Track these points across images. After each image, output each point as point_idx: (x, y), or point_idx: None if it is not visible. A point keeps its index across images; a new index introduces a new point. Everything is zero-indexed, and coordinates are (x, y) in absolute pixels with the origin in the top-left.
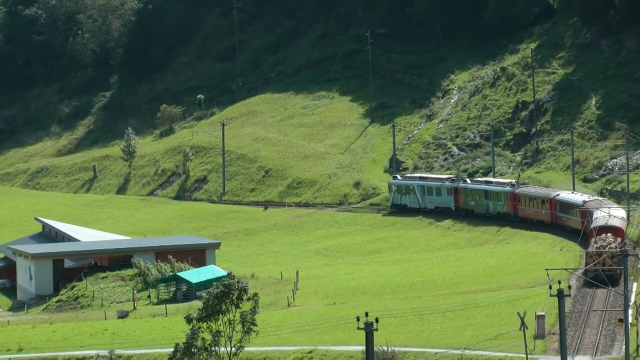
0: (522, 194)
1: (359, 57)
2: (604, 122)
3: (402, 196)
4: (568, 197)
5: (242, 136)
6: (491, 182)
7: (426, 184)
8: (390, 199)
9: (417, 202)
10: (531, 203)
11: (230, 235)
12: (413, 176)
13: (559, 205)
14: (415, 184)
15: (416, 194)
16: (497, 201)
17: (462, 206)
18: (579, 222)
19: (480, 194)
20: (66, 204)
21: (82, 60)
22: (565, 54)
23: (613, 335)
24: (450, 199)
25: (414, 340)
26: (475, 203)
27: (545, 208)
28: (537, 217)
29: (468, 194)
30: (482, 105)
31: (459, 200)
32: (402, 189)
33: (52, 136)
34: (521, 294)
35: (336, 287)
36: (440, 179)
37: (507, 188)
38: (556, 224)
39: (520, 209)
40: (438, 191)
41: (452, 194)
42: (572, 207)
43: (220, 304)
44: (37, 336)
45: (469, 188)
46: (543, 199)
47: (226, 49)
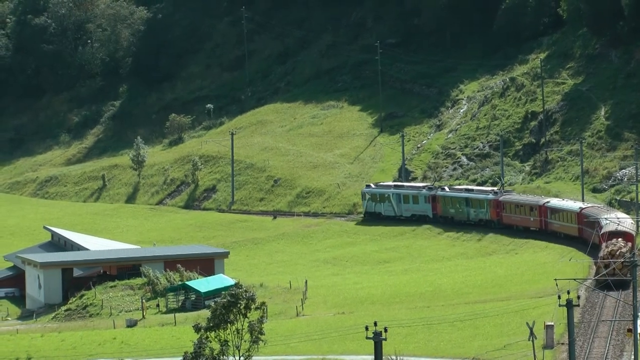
0: (506, 201)
1: (368, 67)
2: (613, 133)
3: (376, 204)
4: (560, 204)
5: (251, 146)
6: (472, 190)
7: (402, 192)
8: (364, 207)
9: (392, 210)
10: (517, 210)
11: (239, 245)
12: (388, 184)
13: (549, 212)
14: (391, 192)
15: (391, 202)
16: (480, 208)
17: (441, 214)
18: (575, 229)
19: (460, 202)
20: (75, 213)
21: (91, 69)
22: (574, 65)
23: (622, 345)
24: (427, 207)
25: (423, 350)
26: (456, 210)
27: (533, 215)
28: (524, 224)
29: (447, 201)
30: (492, 115)
31: (437, 207)
32: (377, 197)
33: (62, 145)
34: (530, 304)
35: (345, 297)
36: (417, 187)
37: (490, 195)
38: (545, 230)
39: (505, 216)
40: (415, 199)
41: (429, 201)
42: (567, 214)
43: (228, 314)
44: (45, 345)
45: (448, 196)
46: (531, 206)
47: (235, 58)
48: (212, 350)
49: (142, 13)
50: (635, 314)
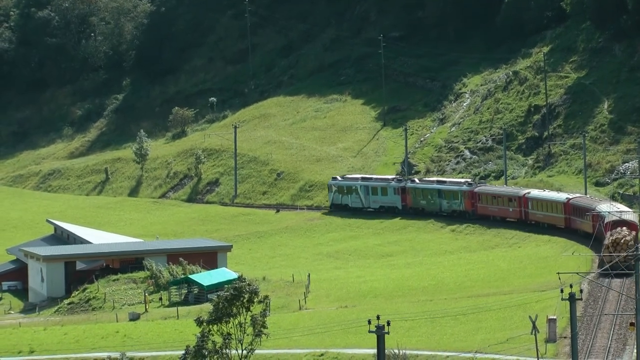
0: (482, 192)
1: (371, 61)
2: (616, 126)
3: (342, 196)
4: (543, 194)
5: (254, 139)
6: (445, 182)
7: (371, 184)
8: (330, 199)
9: (359, 202)
10: (494, 201)
11: (241, 238)
12: (355, 177)
13: (531, 202)
14: (358, 184)
15: (359, 193)
16: (453, 200)
17: (411, 205)
18: (562, 219)
19: (432, 193)
20: (78, 206)
21: (94, 62)
22: (577, 58)
23: (624, 339)
24: (397, 199)
25: (425, 343)
26: (427, 202)
27: (513, 205)
28: (502, 214)
29: (418, 193)
30: (495, 109)
31: (407, 199)
32: (343, 190)
33: (65, 138)
34: (532, 298)
35: (348, 290)
36: (386, 179)
37: (465, 187)
38: (525, 220)
39: (480, 207)
40: (384, 191)
41: (399, 193)
42: (553, 204)
43: (231, 307)
44: (48, 338)
45: (418, 188)
46: (510, 197)
47: (239, 51)
48: (215, 343)
49: (146, 6)
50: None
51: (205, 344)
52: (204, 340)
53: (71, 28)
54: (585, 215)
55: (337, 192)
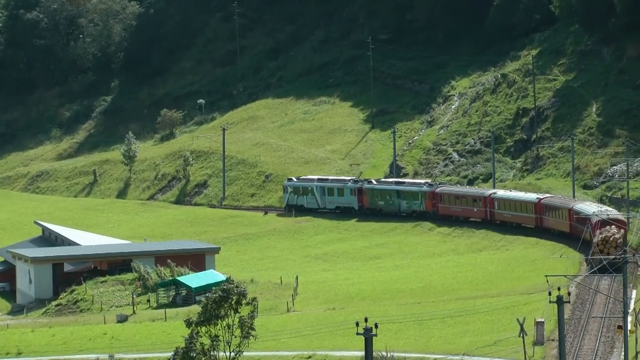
0: (444, 192)
1: (360, 63)
2: (604, 129)
3: (298, 197)
4: (511, 195)
5: (242, 141)
6: (404, 183)
7: (327, 185)
8: (285, 200)
9: (315, 203)
10: (458, 201)
11: (230, 240)
12: (311, 178)
13: (497, 202)
14: (314, 185)
15: (315, 194)
16: (413, 200)
17: (368, 206)
18: (533, 219)
19: (391, 194)
20: (66, 208)
21: (83, 64)
22: (566, 61)
23: (612, 342)
24: (353, 199)
25: (413, 345)
26: (385, 202)
27: (477, 206)
28: (466, 214)
29: (375, 194)
30: (483, 112)
31: (364, 200)
32: (299, 190)
33: (53, 140)
34: (520, 301)
35: (336, 293)
36: (343, 180)
37: (425, 187)
38: (491, 220)
39: (442, 207)
40: (340, 192)
41: (355, 194)
42: (523, 204)
43: (219, 309)
44: (36, 340)
45: (376, 188)
46: (475, 197)
47: (227, 53)
48: (203, 345)
49: (134, 8)
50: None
51: (194, 346)
52: (192, 342)
53: (60, 30)
54: (566, 213)
55: (293, 193)
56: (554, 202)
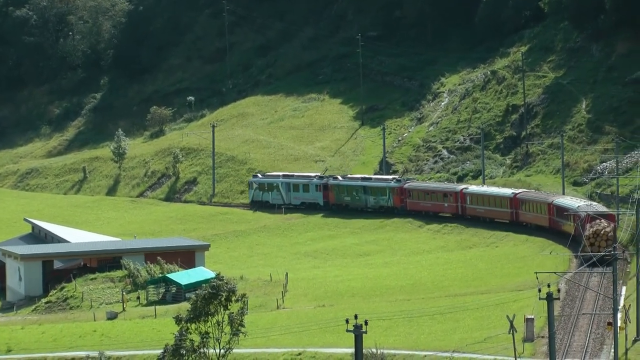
0: (413, 188)
1: (349, 60)
2: (594, 126)
3: (263, 193)
4: (484, 190)
5: (232, 138)
6: (371, 179)
7: (292, 181)
8: (250, 196)
9: (280, 199)
10: (427, 197)
11: (219, 237)
12: (276, 174)
13: (469, 197)
14: (280, 182)
15: (280, 190)
16: (381, 196)
17: (334, 202)
18: (508, 214)
19: (358, 190)
20: (56, 205)
21: (72, 61)
22: (555, 58)
23: (602, 338)
24: (318, 195)
25: (403, 342)
26: (352, 198)
27: (448, 201)
28: (435, 209)
29: (341, 190)
30: (473, 109)
31: (329, 196)
32: (264, 187)
33: (42, 137)
34: (510, 297)
35: (325, 290)
36: (308, 177)
37: (393, 183)
38: (462, 215)
39: (410, 202)
40: (305, 188)
41: (320, 190)
42: (498, 199)
43: (209, 306)
44: (26, 337)
45: (342, 184)
46: (445, 192)
47: (216, 50)
48: (193, 342)
49: (124, 5)
50: (615, 307)
51: (184, 343)
52: (182, 339)
53: (49, 27)
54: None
55: (258, 189)
56: (531, 196)
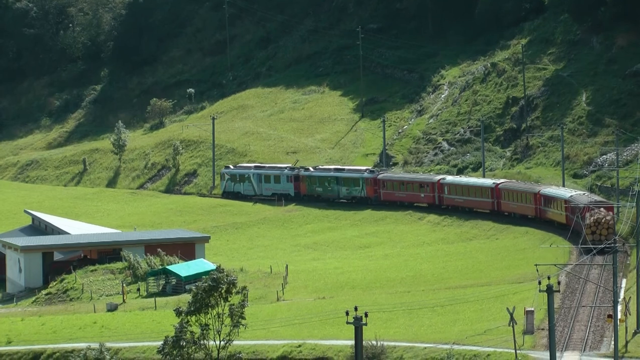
0: (387, 179)
1: (349, 52)
2: (594, 119)
3: (235, 184)
4: (463, 180)
5: (232, 130)
6: (343, 170)
7: (264, 172)
8: (222, 187)
9: (252, 190)
10: (402, 187)
11: (219, 229)
12: (248, 165)
13: (447, 188)
14: (251, 173)
15: (252, 181)
16: (354, 186)
17: (305, 192)
18: (489, 203)
19: (330, 181)
20: (56, 197)
21: (72, 53)
22: (555, 50)
23: (602, 331)
24: (290, 186)
25: (403, 334)
26: (324, 189)
27: (425, 191)
28: (411, 200)
29: (313, 180)
30: (473, 101)
31: (301, 187)
32: (236, 178)
33: (42, 129)
34: (510, 290)
35: (325, 282)
36: (280, 168)
37: (366, 174)
38: (439, 205)
39: (385, 193)
40: (277, 179)
41: (292, 181)
42: (478, 189)
43: (209, 298)
44: (26, 329)
45: (314, 175)
46: (422, 183)
47: (217, 43)
48: (193, 334)
49: None
50: (615, 299)
51: (184, 335)
52: (182, 331)
53: (49, 19)
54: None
55: (230, 180)
56: (515, 186)
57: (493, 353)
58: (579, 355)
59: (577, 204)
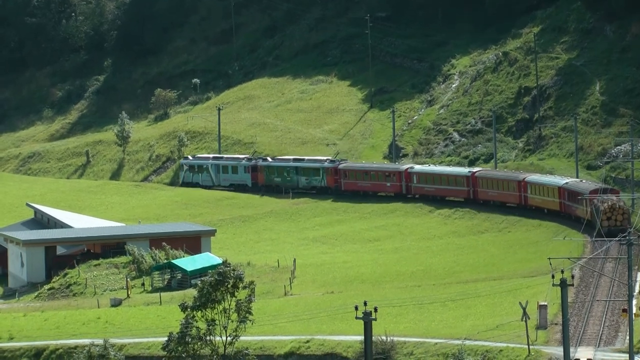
0: (349, 168)
1: (358, 41)
2: (608, 108)
3: (194, 175)
4: (436, 169)
5: (238, 121)
6: (303, 159)
7: (221, 163)
8: (181, 178)
9: (210, 180)
10: (366, 176)
11: (225, 222)
12: (206, 156)
13: (416, 177)
14: (209, 163)
15: (210, 172)
16: (314, 176)
17: (263, 183)
18: (465, 192)
19: (289, 171)
20: (58, 189)
21: (75, 43)
22: (568, 39)
23: (617, 325)
24: (247, 176)
25: (414, 330)
26: (282, 179)
27: (391, 180)
28: (376, 189)
29: (271, 171)
30: (484, 91)
31: (259, 177)
32: (195, 168)
33: (45, 120)
34: (523, 284)
35: (334, 276)
36: (237, 158)
37: (326, 164)
38: (407, 194)
39: (347, 183)
40: (234, 169)
41: (249, 171)
42: (453, 178)
43: (215, 293)
44: (28, 324)
45: (272, 166)
46: (388, 172)
47: (222, 32)
48: (199, 330)
49: None
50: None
51: (190, 330)
52: (188, 327)
53: (51, 8)
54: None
55: (188, 171)
56: (494, 174)
57: (505, 348)
58: (593, 351)
59: (575, 190)
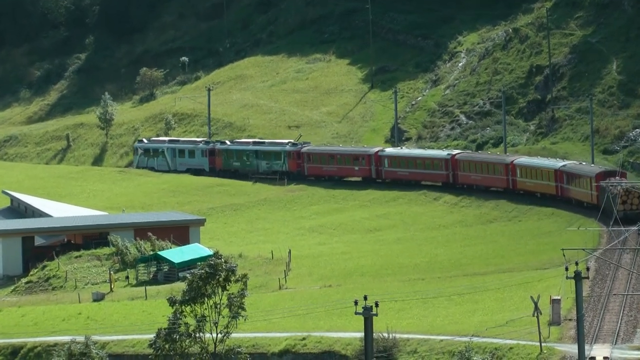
0: (313, 152)
1: (357, 17)
2: (626, 89)
3: (149, 159)
4: (408, 152)
5: (229, 103)
6: (264, 143)
7: (178, 147)
8: (136, 162)
9: (166, 165)
10: (332, 160)
11: (216, 211)
12: (162, 139)
13: (387, 160)
14: (165, 147)
15: (166, 156)
16: (275, 160)
17: (221, 167)
18: (444, 175)
19: (249, 155)
20: (37, 176)
21: (54, 19)
22: (583, 14)
23: (635, 321)
24: (204, 161)
25: (417, 326)
26: (242, 163)
27: (360, 164)
28: (343, 173)
29: (230, 155)
30: (493, 70)
31: (216, 161)
32: (150, 152)
33: (22, 102)
34: (534, 277)
35: (332, 268)
36: (194, 142)
37: (288, 147)
38: (377, 178)
39: (310, 167)
40: (191, 153)
41: (206, 155)
42: (430, 161)
43: (206, 286)
44: (4, 320)
45: (231, 149)
46: (356, 156)
47: (213, 6)
48: (188, 326)
49: None
50: None
51: (178, 327)
52: (176, 323)
53: None
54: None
55: (143, 155)
56: (476, 157)
57: (516, 346)
58: (609, 348)
59: (576, 173)
